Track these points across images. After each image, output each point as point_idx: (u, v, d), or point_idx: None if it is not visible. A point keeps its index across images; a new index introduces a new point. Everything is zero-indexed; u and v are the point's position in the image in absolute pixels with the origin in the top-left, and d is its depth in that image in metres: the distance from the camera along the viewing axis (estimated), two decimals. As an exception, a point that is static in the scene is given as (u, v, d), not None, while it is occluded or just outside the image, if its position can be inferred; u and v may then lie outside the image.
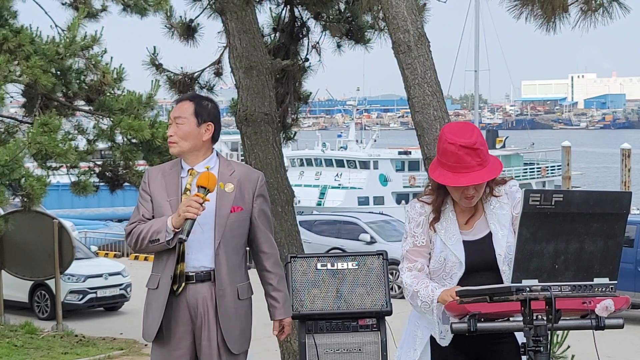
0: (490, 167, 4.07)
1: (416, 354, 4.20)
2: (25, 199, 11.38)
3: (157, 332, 4.63)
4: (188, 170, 4.64)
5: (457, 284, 4.08)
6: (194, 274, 4.55)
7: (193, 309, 4.56)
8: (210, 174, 4.49)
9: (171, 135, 4.63)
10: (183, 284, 4.55)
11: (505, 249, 4.06)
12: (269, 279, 4.66)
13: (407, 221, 4.25)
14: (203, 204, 4.42)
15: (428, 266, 4.17)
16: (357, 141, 51.62)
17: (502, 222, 4.12)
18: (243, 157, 8.02)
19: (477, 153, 4.03)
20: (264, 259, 4.67)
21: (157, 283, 4.61)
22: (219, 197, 4.57)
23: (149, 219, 4.62)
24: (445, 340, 4.09)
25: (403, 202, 43.02)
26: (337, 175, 45.12)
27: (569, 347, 7.97)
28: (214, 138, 4.68)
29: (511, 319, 3.75)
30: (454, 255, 4.11)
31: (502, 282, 3.90)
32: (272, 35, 9.30)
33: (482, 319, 3.70)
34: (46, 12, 13.02)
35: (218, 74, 9.55)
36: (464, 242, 4.13)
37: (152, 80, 11.37)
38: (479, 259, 4.10)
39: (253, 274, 4.62)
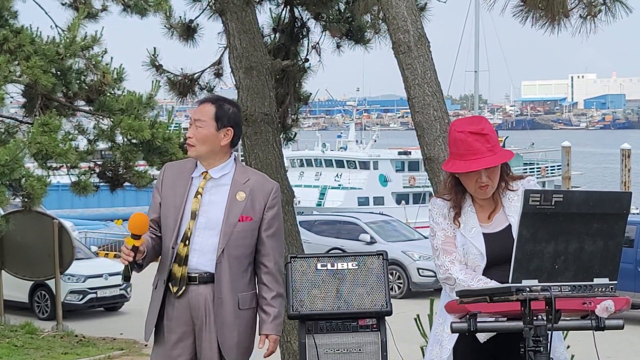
0: (501, 154, 4.13)
1: (445, 350, 4.20)
2: (25, 199, 11.39)
3: (158, 332, 4.63)
4: (202, 173, 4.59)
5: None
6: (197, 275, 4.53)
7: (195, 311, 4.55)
8: (140, 217, 4.39)
9: (190, 137, 4.55)
10: (184, 287, 4.54)
11: None
12: (263, 292, 4.61)
13: (431, 218, 4.25)
14: (137, 250, 4.35)
15: None
16: (357, 141, 51.60)
17: None
18: (243, 157, 8.02)
19: (487, 139, 4.08)
20: (262, 272, 4.62)
21: (156, 284, 4.63)
22: (229, 205, 4.53)
23: (156, 220, 4.62)
24: (487, 335, 4.10)
25: (403, 202, 43.05)
26: (337, 175, 45.11)
27: (568, 347, 7.95)
28: (233, 143, 4.62)
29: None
30: (474, 247, 4.14)
31: None
32: (272, 35, 9.31)
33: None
34: (46, 13, 13.04)
35: (218, 74, 9.55)
36: (484, 234, 4.16)
37: (152, 81, 11.37)
38: (500, 251, 4.12)
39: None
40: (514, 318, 3.68)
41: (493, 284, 4.01)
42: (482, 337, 4.13)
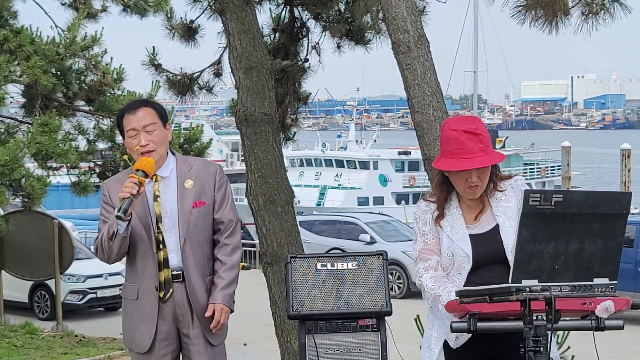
0: (493, 155, 4.12)
1: (433, 353, 4.21)
2: (25, 199, 11.38)
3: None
4: (152, 177, 4.65)
5: (467, 279, 4.10)
6: (179, 273, 4.63)
7: (179, 308, 4.64)
8: (150, 158, 4.53)
9: (146, 144, 4.59)
10: (170, 290, 4.62)
11: (513, 240, 4.06)
12: (216, 266, 4.73)
13: (415, 222, 4.27)
14: (140, 185, 4.42)
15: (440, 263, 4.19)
16: (357, 141, 51.61)
17: (508, 215, 4.12)
18: (243, 157, 8.02)
19: (480, 139, 4.07)
20: (218, 248, 4.73)
21: (137, 294, 4.66)
22: (179, 195, 4.63)
23: None
24: (458, 342, 4.10)
25: (403, 202, 43.06)
26: (336, 175, 45.12)
27: (569, 347, 7.96)
28: None
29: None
30: (460, 250, 4.12)
31: None
32: (272, 35, 9.30)
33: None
34: (46, 13, 13.04)
35: (218, 74, 9.54)
36: (471, 235, 4.14)
37: (152, 81, 11.38)
38: (487, 252, 4.11)
39: (255, 273, 4.64)
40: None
41: (456, 288, 4.01)
42: (452, 341, 4.13)
